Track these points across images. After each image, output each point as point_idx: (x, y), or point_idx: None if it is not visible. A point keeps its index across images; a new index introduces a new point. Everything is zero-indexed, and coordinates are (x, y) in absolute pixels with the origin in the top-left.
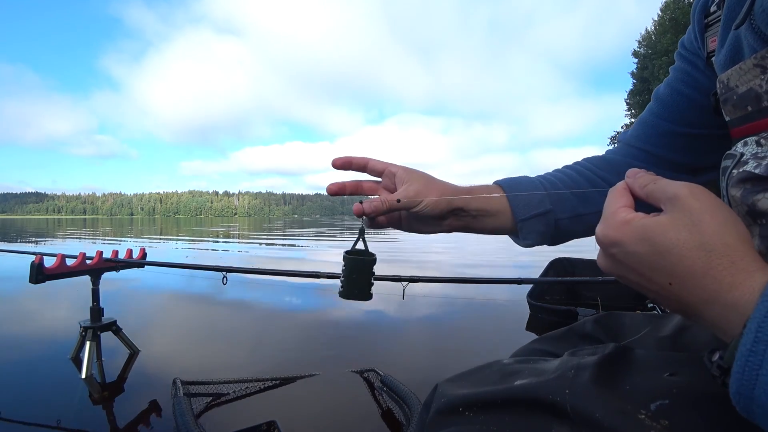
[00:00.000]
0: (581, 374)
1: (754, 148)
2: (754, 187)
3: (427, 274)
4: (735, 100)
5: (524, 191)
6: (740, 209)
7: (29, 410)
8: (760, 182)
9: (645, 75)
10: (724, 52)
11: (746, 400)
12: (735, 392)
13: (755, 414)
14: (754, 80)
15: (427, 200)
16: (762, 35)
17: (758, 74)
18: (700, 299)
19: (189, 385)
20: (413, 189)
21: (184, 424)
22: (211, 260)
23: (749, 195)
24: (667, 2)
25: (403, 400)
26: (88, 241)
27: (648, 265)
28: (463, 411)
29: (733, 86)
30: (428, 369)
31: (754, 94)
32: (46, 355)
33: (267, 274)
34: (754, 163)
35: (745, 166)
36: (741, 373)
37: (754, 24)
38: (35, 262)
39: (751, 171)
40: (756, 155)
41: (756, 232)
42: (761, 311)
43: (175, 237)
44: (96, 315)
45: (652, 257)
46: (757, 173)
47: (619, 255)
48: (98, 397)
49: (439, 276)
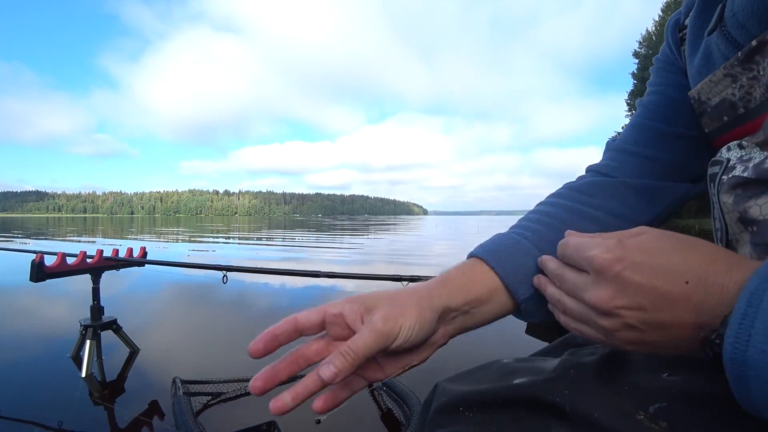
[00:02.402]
0: (581, 374)
1: (738, 152)
2: (745, 192)
3: (427, 273)
4: (709, 113)
5: (511, 257)
6: (732, 217)
7: (29, 409)
8: (750, 186)
9: (645, 75)
10: (696, 62)
11: (739, 366)
12: (728, 359)
13: (749, 383)
14: (726, 90)
15: (408, 322)
16: (733, 41)
17: (729, 84)
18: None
19: (189, 384)
20: (380, 317)
21: (184, 424)
22: (211, 259)
23: (741, 201)
24: (668, 2)
25: (402, 400)
26: (89, 241)
27: (661, 269)
28: (463, 410)
29: (705, 99)
30: (428, 369)
31: (728, 103)
32: (46, 353)
33: (267, 273)
34: (741, 167)
35: (733, 171)
36: (734, 337)
37: (725, 30)
38: (36, 260)
39: (740, 175)
40: (741, 159)
41: (747, 240)
42: (755, 280)
43: (177, 232)
44: (96, 313)
45: (661, 257)
46: (746, 176)
47: (626, 271)
48: (98, 396)
49: None
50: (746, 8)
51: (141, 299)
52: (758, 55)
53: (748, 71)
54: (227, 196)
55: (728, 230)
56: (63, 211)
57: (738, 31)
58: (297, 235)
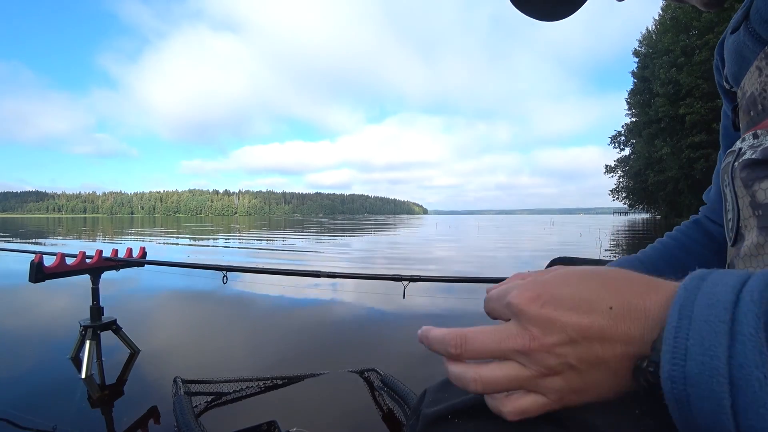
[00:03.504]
0: None
1: (750, 140)
2: (753, 172)
3: (428, 273)
4: (744, 107)
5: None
6: (744, 201)
7: (28, 411)
8: (757, 167)
9: (645, 74)
10: (728, 62)
11: (680, 385)
12: (667, 379)
13: (692, 405)
14: (755, 84)
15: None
16: (758, 37)
17: (756, 77)
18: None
19: (189, 384)
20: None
21: (185, 423)
22: (211, 259)
23: (750, 182)
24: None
25: (403, 400)
26: (91, 240)
27: (582, 298)
28: (452, 418)
29: (745, 92)
30: (429, 369)
31: (753, 98)
32: (46, 354)
33: (267, 273)
34: (750, 152)
35: (743, 156)
36: (671, 353)
37: (751, 27)
38: (35, 261)
39: (749, 158)
40: (752, 146)
41: (754, 224)
42: (682, 293)
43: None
44: (96, 314)
45: (580, 286)
46: (754, 158)
47: (547, 307)
48: (98, 398)
49: (440, 275)
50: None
51: (140, 300)
52: None
53: None
54: (227, 195)
55: (740, 216)
56: (63, 212)
57: (762, 26)
58: (280, 236)
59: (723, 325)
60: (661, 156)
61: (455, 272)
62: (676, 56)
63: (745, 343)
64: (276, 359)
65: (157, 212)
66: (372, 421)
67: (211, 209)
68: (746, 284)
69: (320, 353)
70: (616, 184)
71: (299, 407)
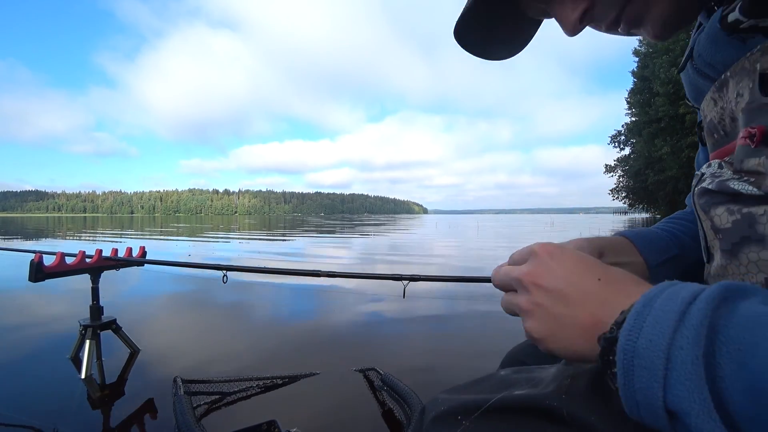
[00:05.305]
0: (577, 381)
1: (715, 168)
2: (710, 199)
3: (428, 272)
4: (707, 129)
5: (650, 240)
6: (707, 224)
7: (28, 412)
8: (713, 195)
9: (645, 74)
10: (687, 89)
11: (629, 357)
12: (621, 349)
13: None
14: (712, 112)
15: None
16: (705, 75)
17: (713, 107)
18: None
19: (189, 384)
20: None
21: (185, 423)
22: (211, 259)
23: (707, 208)
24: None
25: (403, 400)
26: (92, 240)
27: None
28: (460, 419)
29: (705, 116)
30: (429, 368)
31: (713, 124)
32: (45, 354)
33: (267, 272)
34: (709, 180)
35: (702, 183)
36: (628, 330)
37: (697, 67)
38: (34, 260)
39: (705, 186)
40: (713, 174)
41: (718, 246)
42: (654, 289)
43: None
44: (96, 313)
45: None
46: (708, 188)
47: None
48: (98, 398)
49: (441, 275)
50: (707, 53)
51: (140, 299)
52: (725, 88)
53: (721, 100)
54: (227, 195)
55: (707, 237)
56: (63, 211)
57: (707, 68)
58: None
59: (675, 315)
60: (661, 155)
61: (455, 272)
62: (676, 55)
63: (689, 330)
64: (276, 358)
65: (157, 212)
66: (372, 420)
67: (211, 209)
68: (706, 290)
69: (320, 352)
70: (616, 184)
71: (299, 407)
